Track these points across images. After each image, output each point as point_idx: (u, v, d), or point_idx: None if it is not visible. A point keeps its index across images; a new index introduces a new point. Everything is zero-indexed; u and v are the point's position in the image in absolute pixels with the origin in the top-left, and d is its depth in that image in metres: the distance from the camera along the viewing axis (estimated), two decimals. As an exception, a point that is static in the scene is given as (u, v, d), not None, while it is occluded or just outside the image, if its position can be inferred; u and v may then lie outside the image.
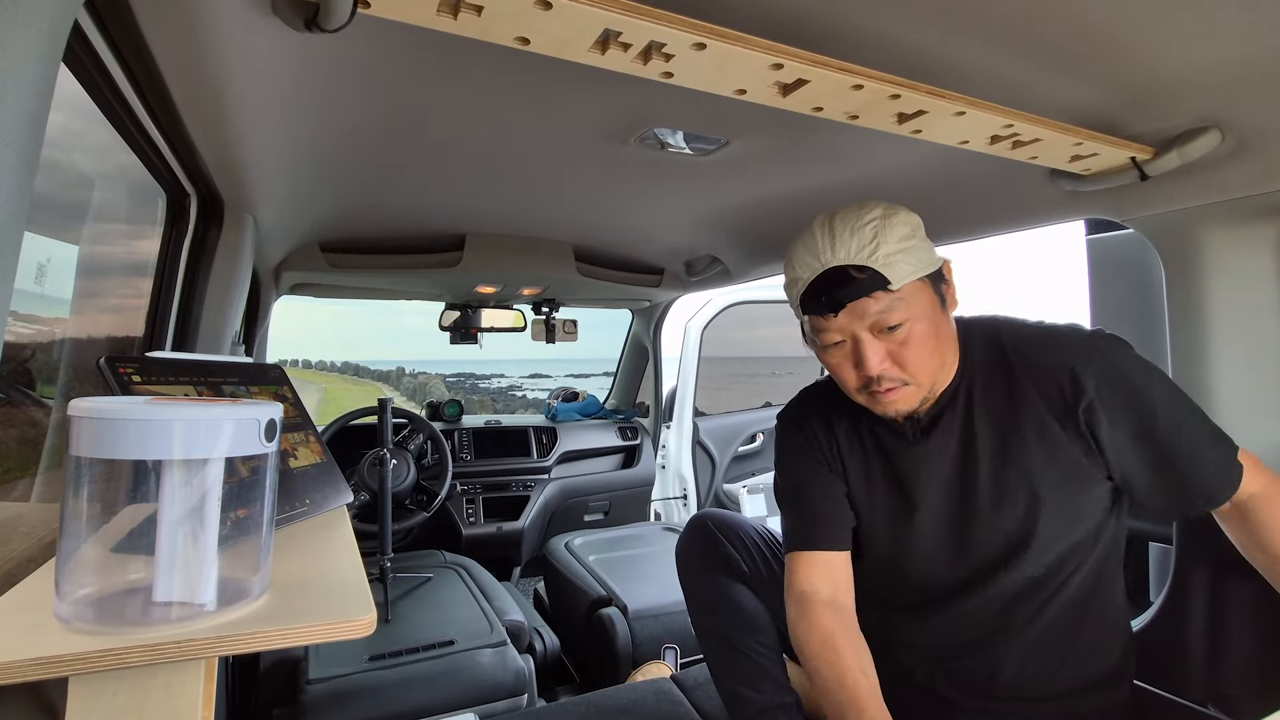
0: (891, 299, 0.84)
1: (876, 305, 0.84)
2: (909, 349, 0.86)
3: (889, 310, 0.84)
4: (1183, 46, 0.82)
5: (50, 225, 0.97)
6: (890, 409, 0.91)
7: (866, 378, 0.88)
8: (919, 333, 0.86)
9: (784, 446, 1.09)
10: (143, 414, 0.45)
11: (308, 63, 0.86)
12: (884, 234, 0.84)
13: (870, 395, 0.90)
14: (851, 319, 0.86)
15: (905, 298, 0.85)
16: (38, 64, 0.44)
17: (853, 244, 0.84)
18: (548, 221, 1.90)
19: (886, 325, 0.85)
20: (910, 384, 0.88)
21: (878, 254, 0.83)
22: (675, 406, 3.07)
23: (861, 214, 0.86)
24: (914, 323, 0.85)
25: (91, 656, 0.42)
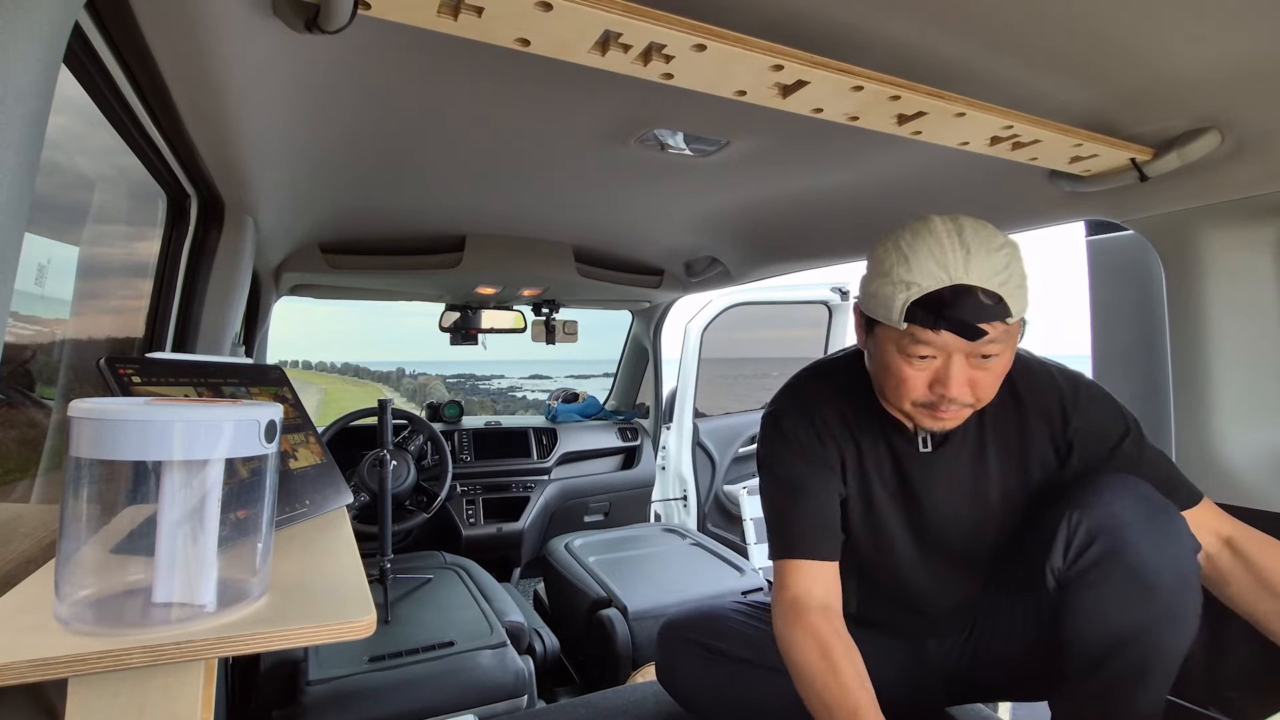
0: (1002, 330, 0.82)
1: (992, 334, 0.82)
2: (988, 376, 0.86)
3: (996, 341, 0.83)
4: (1182, 47, 0.82)
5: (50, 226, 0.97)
6: (940, 426, 0.91)
7: (940, 397, 0.86)
8: (1002, 365, 0.87)
9: (777, 443, 1.03)
10: (142, 415, 0.45)
11: (308, 64, 0.86)
12: (1014, 264, 0.82)
13: (928, 410, 0.89)
14: (957, 340, 0.83)
15: (1011, 331, 0.84)
16: (38, 65, 0.44)
17: (988, 266, 0.80)
18: (548, 222, 1.90)
19: (986, 353, 0.84)
20: (970, 407, 0.89)
21: (1009, 284, 0.81)
22: (675, 407, 3.06)
23: (995, 237, 0.83)
24: (1004, 355, 0.86)
25: (91, 658, 0.42)
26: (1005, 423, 0.99)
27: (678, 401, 3.05)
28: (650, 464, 3.03)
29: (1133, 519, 0.85)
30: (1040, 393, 0.99)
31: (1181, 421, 1.26)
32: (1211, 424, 1.21)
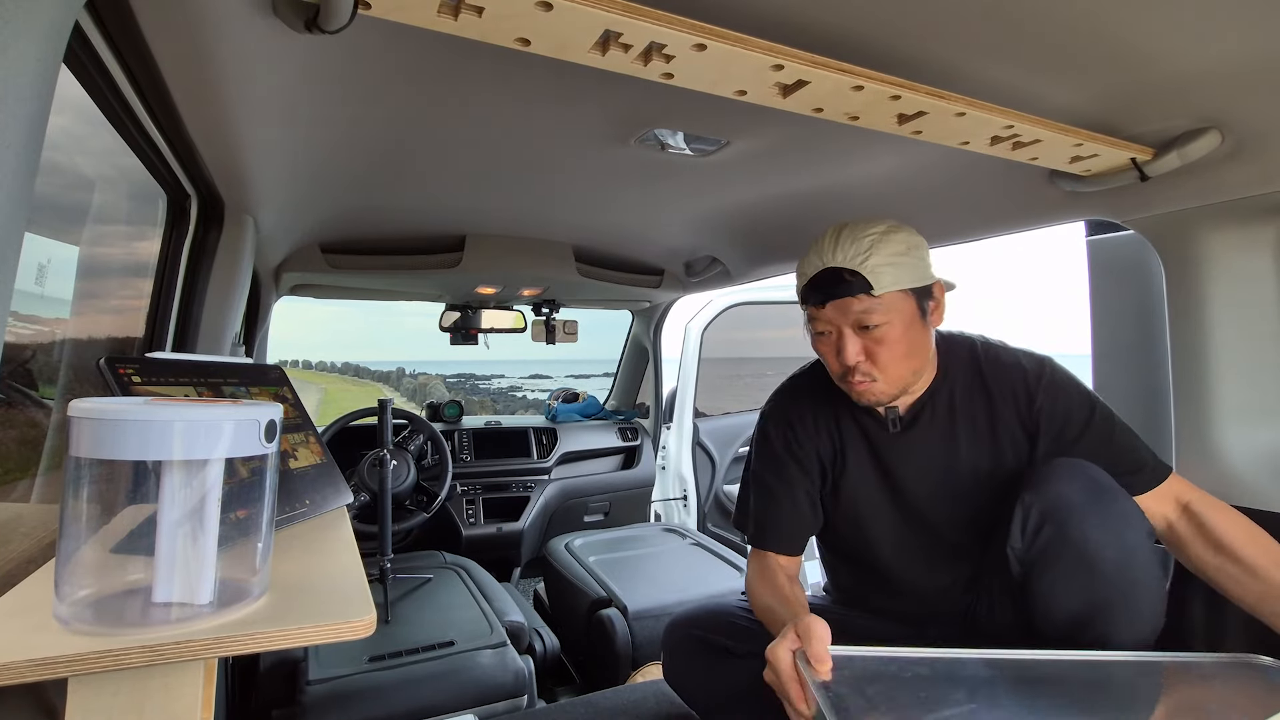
0: (873, 302, 0.97)
1: (859, 305, 0.97)
2: (882, 348, 0.99)
3: (869, 311, 0.97)
4: (1183, 47, 0.82)
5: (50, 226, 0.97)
6: (862, 398, 1.05)
7: (845, 366, 1.01)
8: (893, 336, 0.99)
9: (759, 447, 1.19)
10: (143, 415, 0.45)
11: (308, 64, 0.86)
12: (879, 247, 0.97)
13: (847, 384, 1.04)
14: (837, 314, 0.99)
15: (885, 303, 0.97)
16: (38, 65, 0.44)
17: (850, 250, 0.97)
18: (548, 222, 1.90)
19: (865, 324, 0.98)
20: (879, 380, 1.01)
21: (868, 262, 0.96)
22: (675, 407, 3.06)
23: (867, 226, 0.99)
24: (890, 327, 0.98)
25: (91, 657, 0.42)
26: (973, 404, 1.06)
27: (678, 401, 3.05)
28: (650, 464, 3.03)
29: (1078, 501, 0.90)
30: (1005, 375, 1.06)
31: (1181, 421, 1.26)
32: (1212, 424, 1.21)
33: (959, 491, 1.07)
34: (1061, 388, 1.05)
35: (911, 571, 1.12)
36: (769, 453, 1.16)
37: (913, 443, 1.08)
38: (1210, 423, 1.22)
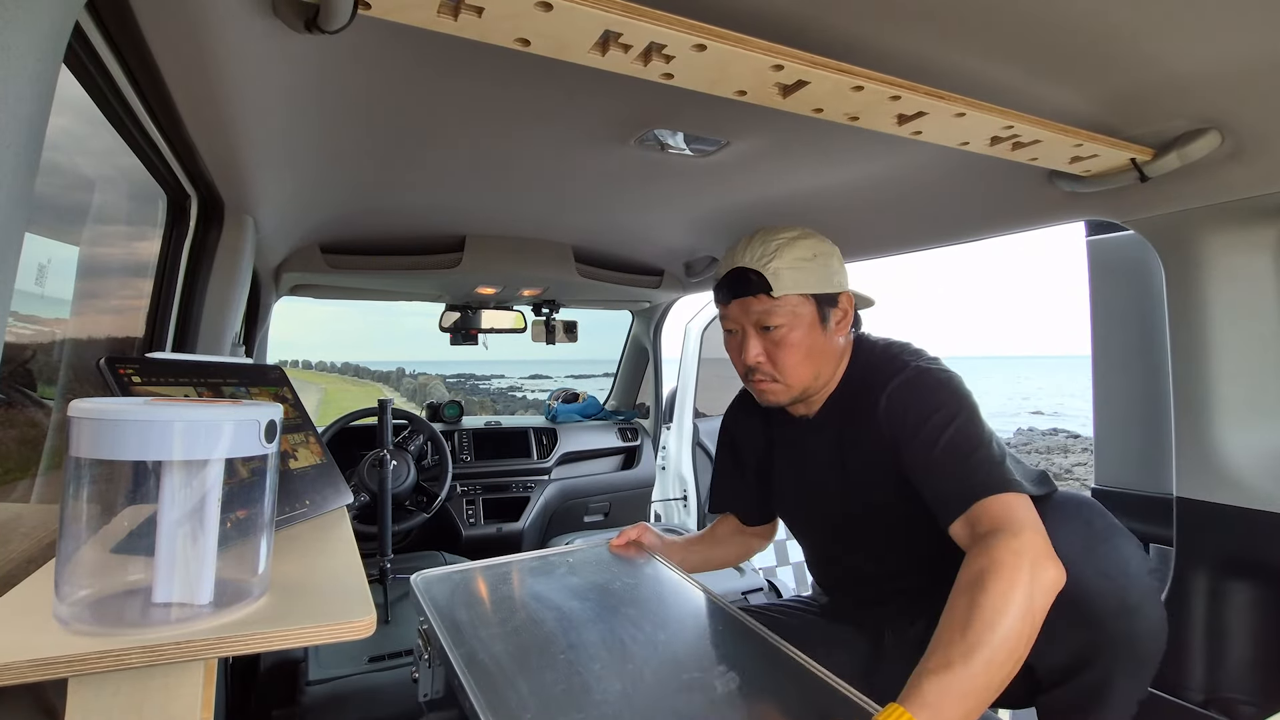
0: (772, 304, 1.01)
1: (758, 305, 1.02)
2: (781, 350, 1.03)
3: (768, 312, 1.01)
4: (1182, 48, 0.82)
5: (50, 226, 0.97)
6: (764, 398, 1.09)
7: (746, 365, 1.06)
8: (792, 339, 1.02)
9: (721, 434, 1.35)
10: (143, 415, 0.45)
11: (308, 64, 0.86)
12: (784, 251, 1.01)
13: (750, 383, 1.09)
14: (740, 312, 1.04)
15: (784, 306, 1.01)
16: (38, 65, 0.44)
17: (757, 252, 1.02)
18: (548, 223, 1.90)
19: (765, 324, 1.02)
20: (779, 381, 1.05)
21: (770, 264, 1.00)
22: (675, 407, 3.06)
23: (778, 232, 1.04)
24: (789, 330, 1.02)
25: (91, 658, 0.42)
26: (851, 399, 1.08)
27: (678, 401, 3.05)
28: (650, 464, 3.03)
29: (1075, 552, 0.84)
30: (880, 372, 1.05)
31: (1181, 422, 1.26)
32: (1212, 424, 1.21)
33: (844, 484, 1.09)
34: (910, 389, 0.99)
35: (856, 557, 1.16)
36: (720, 442, 1.36)
37: (810, 434, 1.13)
38: (1210, 423, 1.22)
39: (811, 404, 1.12)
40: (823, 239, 1.07)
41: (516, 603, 1.00)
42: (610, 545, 1.25)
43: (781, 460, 1.21)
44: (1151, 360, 1.47)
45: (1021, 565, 0.77)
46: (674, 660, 0.82)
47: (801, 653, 0.86)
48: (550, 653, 0.82)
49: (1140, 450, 1.51)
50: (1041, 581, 0.77)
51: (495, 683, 0.75)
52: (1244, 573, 1.19)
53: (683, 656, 0.83)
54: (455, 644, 0.84)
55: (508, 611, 0.96)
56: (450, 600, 0.99)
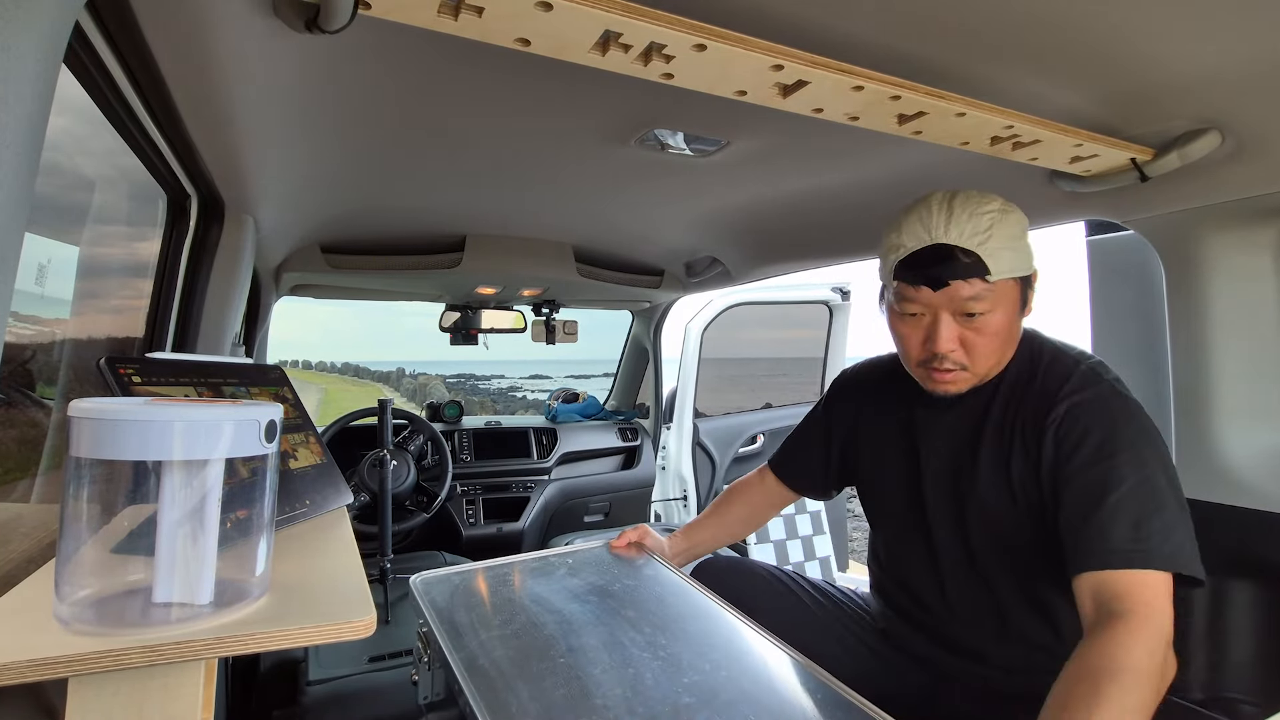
0: (984, 288, 0.87)
1: (969, 290, 0.88)
2: (981, 338, 0.90)
3: (979, 298, 0.88)
4: (1182, 48, 0.82)
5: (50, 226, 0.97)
6: (942, 388, 0.95)
7: (932, 353, 0.92)
8: (994, 326, 0.90)
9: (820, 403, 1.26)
10: (143, 415, 0.45)
11: (308, 64, 0.86)
12: (999, 226, 0.87)
13: (927, 371, 0.95)
14: (941, 297, 0.89)
15: (996, 290, 0.88)
16: (38, 65, 0.43)
17: (968, 227, 0.87)
18: (548, 223, 1.90)
19: (970, 311, 0.89)
20: (968, 370, 0.93)
21: (989, 243, 0.86)
22: (675, 407, 3.06)
23: (983, 202, 0.89)
24: (994, 315, 0.90)
25: (91, 658, 0.42)
26: (1013, 397, 0.95)
27: (678, 401, 3.05)
28: (650, 464, 3.03)
29: None
30: (1056, 372, 0.93)
31: (1182, 422, 1.26)
32: (1212, 424, 1.21)
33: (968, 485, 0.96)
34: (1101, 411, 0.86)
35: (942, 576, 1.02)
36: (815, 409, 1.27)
37: (946, 417, 1.00)
38: (1210, 423, 1.22)
39: None
40: (1018, 209, 0.92)
41: (516, 605, 1.00)
42: (610, 546, 1.23)
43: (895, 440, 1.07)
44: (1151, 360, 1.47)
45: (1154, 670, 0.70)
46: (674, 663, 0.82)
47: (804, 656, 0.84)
48: (550, 656, 0.82)
49: (1140, 450, 1.51)
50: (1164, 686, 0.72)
51: (495, 686, 0.75)
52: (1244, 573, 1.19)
53: (683, 659, 0.83)
54: (455, 647, 0.84)
55: (507, 614, 0.96)
56: (449, 602, 0.99)
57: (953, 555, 1.00)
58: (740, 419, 3.26)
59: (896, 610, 1.11)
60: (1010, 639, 0.96)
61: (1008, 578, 0.95)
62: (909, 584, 1.08)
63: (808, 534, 2.83)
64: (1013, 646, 0.97)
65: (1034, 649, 0.95)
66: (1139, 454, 0.82)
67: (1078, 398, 0.88)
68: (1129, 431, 0.84)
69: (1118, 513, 0.79)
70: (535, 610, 0.97)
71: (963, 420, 0.99)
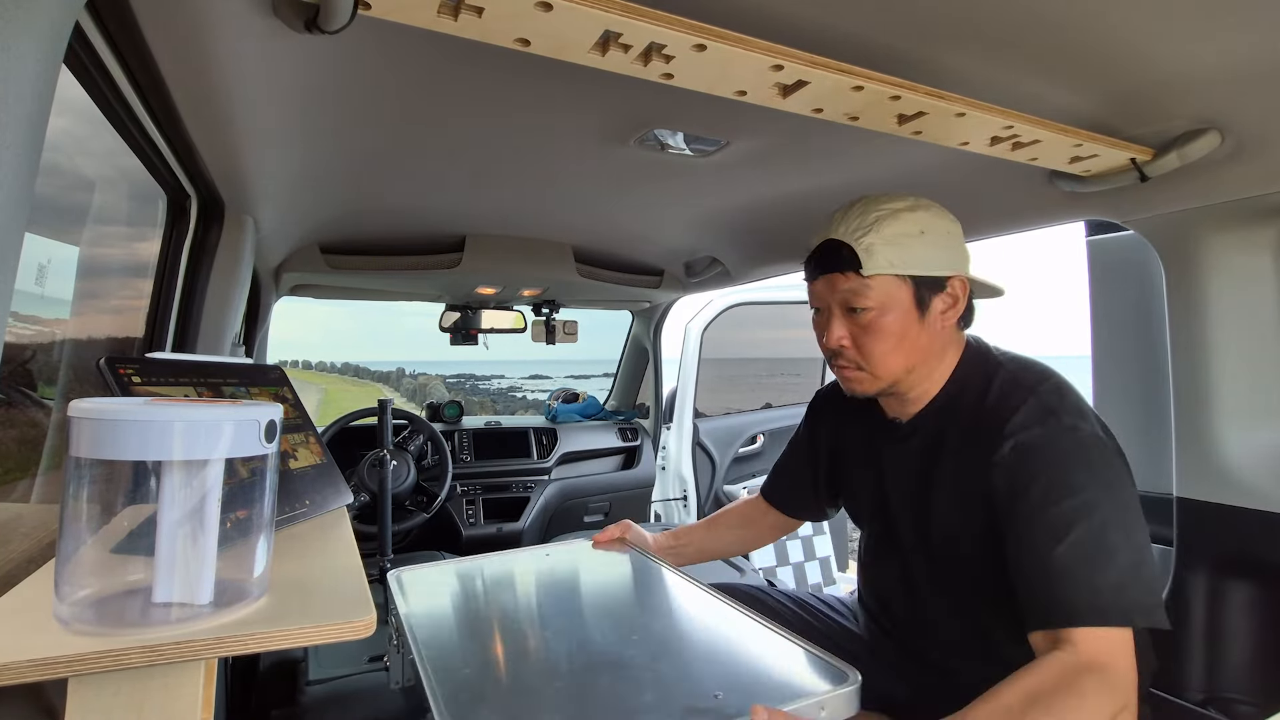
0: (860, 283, 0.90)
1: (845, 284, 0.91)
2: (867, 336, 0.92)
3: (856, 292, 0.90)
4: (1182, 48, 0.82)
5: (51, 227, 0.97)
6: (848, 386, 0.98)
7: (827, 348, 0.96)
8: (881, 325, 0.91)
9: (802, 423, 1.26)
10: (142, 415, 0.45)
11: (308, 64, 0.86)
12: (883, 224, 0.88)
13: (834, 367, 0.99)
14: (826, 289, 0.94)
15: (875, 287, 0.89)
16: (38, 65, 0.44)
17: (855, 222, 0.90)
18: (548, 223, 1.90)
19: (852, 305, 0.91)
20: (864, 370, 0.94)
21: (864, 239, 0.88)
22: (675, 408, 3.06)
23: (884, 201, 0.91)
24: (879, 314, 0.90)
25: (91, 658, 0.42)
26: (959, 414, 0.93)
27: (678, 402, 3.05)
28: (650, 464, 3.03)
29: None
30: (1007, 399, 0.88)
31: (1181, 422, 1.26)
32: (1212, 424, 1.21)
33: (927, 510, 0.95)
34: (1051, 454, 0.81)
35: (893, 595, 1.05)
36: (799, 430, 1.26)
37: (903, 454, 1.00)
38: (1210, 423, 1.22)
39: (907, 405, 0.98)
40: (942, 213, 0.92)
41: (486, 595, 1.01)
42: (593, 541, 1.23)
43: (864, 460, 1.08)
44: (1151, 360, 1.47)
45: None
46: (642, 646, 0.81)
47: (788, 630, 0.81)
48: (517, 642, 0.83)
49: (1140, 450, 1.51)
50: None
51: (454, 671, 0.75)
52: (1244, 573, 1.19)
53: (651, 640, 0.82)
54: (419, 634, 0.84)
55: (478, 604, 0.97)
56: (422, 593, 1.00)
57: (920, 575, 1.00)
58: (740, 419, 3.26)
59: (876, 623, 1.13)
60: (979, 657, 0.94)
61: (972, 599, 0.94)
62: (884, 598, 1.10)
63: (808, 534, 2.84)
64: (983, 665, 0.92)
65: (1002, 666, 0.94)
66: (1087, 500, 0.78)
67: (1025, 436, 0.83)
68: (1078, 475, 0.80)
69: (1067, 568, 0.76)
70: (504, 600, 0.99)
71: (920, 444, 0.98)
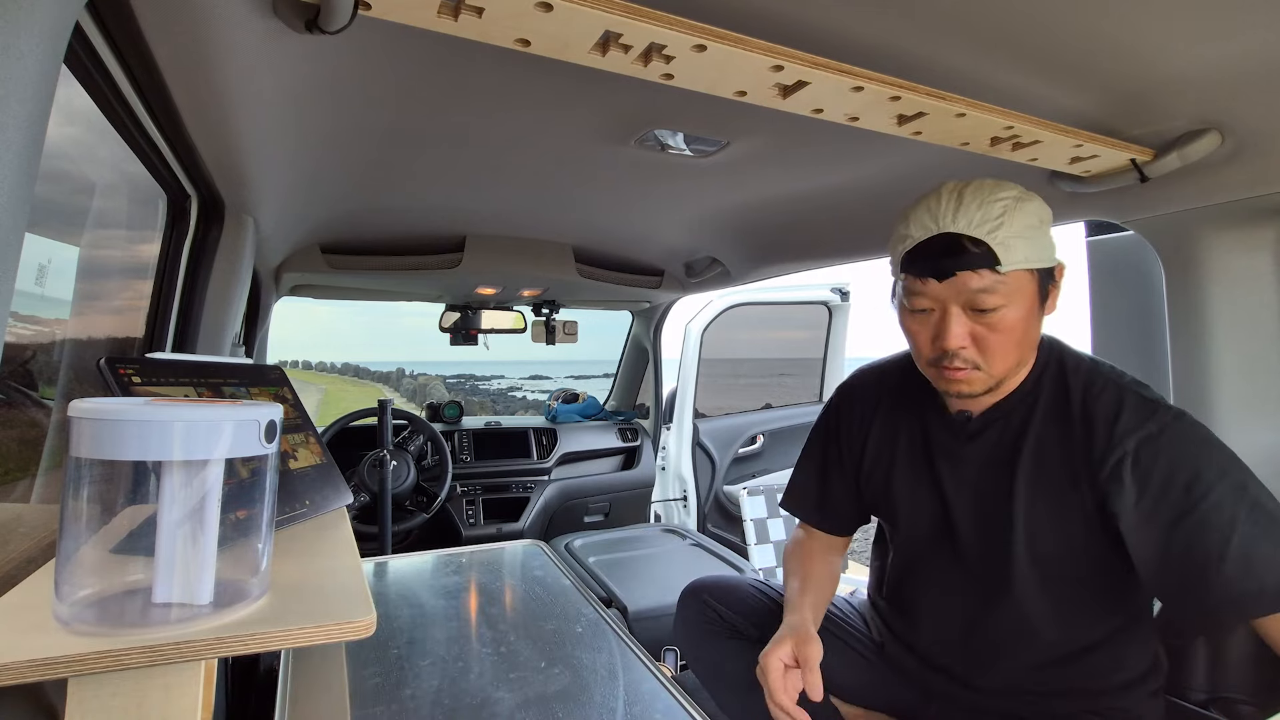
0: (996, 280, 0.82)
1: (979, 282, 0.82)
2: (994, 335, 0.84)
3: (990, 291, 0.82)
4: (1182, 48, 0.82)
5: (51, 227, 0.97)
6: (954, 388, 0.89)
7: (942, 350, 0.86)
8: (1010, 322, 0.84)
9: (821, 418, 1.17)
10: (142, 415, 0.45)
11: (308, 64, 0.86)
12: (1012, 214, 0.82)
13: (939, 370, 0.89)
14: (949, 289, 0.84)
15: (1009, 283, 0.82)
16: (38, 65, 0.43)
17: (977, 215, 0.82)
18: (548, 223, 1.90)
19: (981, 305, 0.83)
20: (982, 370, 0.86)
21: (999, 232, 0.81)
22: (675, 408, 3.06)
23: (997, 190, 0.84)
24: (1009, 310, 0.83)
25: (90, 658, 0.42)
26: (1052, 424, 0.88)
27: (678, 402, 3.05)
28: (650, 464, 3.03)
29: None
30: (1098, 398, 0.85)
31: (1181, 422, 1.26)
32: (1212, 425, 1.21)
33: (1002, 524, 0.90)
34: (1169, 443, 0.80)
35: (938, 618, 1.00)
36: (818, 429, 1.16)
37: (972, 456, 0.94)
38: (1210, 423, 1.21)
39: (982, 399, 0.91)
40: (1040, 200, 0.87)
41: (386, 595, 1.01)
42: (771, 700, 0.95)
43: (916, 459, 1.00)
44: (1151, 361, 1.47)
45: None
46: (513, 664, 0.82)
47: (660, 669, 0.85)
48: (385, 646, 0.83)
49: (1140, 451, 1.51)
50: None
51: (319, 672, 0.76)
52: (1244, 573, 1.19)
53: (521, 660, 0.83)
54: None
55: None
56: None
57: (988, 586, 0.94)
58: (740, 419, 3.26)
59: (890, 628, 1.10)
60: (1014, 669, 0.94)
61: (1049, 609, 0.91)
62: (909, 606, 1.06)
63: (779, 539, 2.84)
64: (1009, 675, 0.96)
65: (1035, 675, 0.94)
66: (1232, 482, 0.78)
67: (1142, 435, 0.81)
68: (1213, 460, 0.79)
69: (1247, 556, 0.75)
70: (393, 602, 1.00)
71: (996, 447, 0.92)
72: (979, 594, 0.96)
